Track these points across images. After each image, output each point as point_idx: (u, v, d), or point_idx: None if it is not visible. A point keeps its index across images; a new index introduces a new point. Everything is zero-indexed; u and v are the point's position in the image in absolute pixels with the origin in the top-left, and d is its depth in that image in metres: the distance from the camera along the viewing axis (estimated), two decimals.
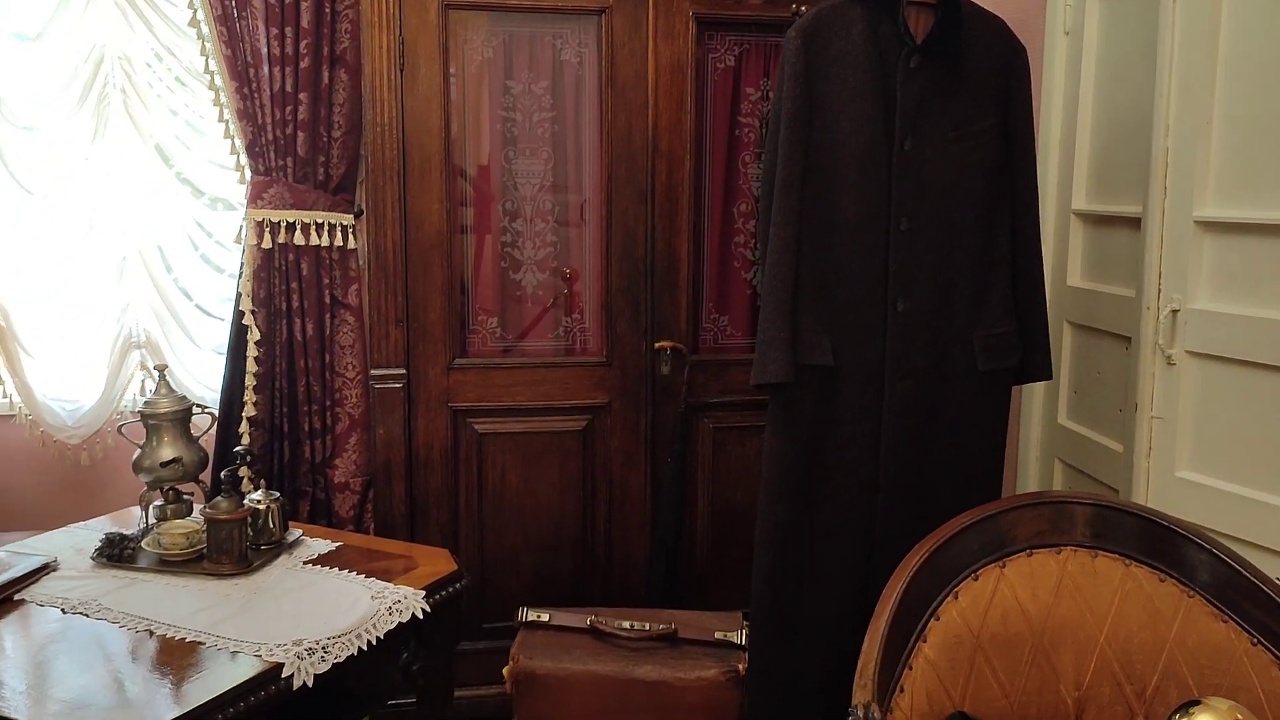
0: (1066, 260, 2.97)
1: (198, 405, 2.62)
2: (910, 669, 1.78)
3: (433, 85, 2.84)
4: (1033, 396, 3.13)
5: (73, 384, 3.27)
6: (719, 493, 3.11)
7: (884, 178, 2.34)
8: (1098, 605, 1.92)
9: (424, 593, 2.27)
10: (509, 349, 3.05)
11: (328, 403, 3.16)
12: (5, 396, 3.21)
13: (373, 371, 2.93)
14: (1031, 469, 3.16)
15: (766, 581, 2.49)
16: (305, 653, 1.96)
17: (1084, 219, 2.94)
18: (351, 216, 3.15)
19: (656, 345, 3.00)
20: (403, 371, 2.92)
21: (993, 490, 2.51)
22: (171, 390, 2.57)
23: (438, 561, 2.45)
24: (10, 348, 3.18)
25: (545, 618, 2.72)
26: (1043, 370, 2.56)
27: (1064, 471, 3.03)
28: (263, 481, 2.60)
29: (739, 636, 2.66)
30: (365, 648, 2.07)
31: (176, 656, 1.96)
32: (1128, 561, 1.93)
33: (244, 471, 2.71)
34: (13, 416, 3.21)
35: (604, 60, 2.91)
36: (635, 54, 2.91)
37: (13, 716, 1.73)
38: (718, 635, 2.67)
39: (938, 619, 1.85)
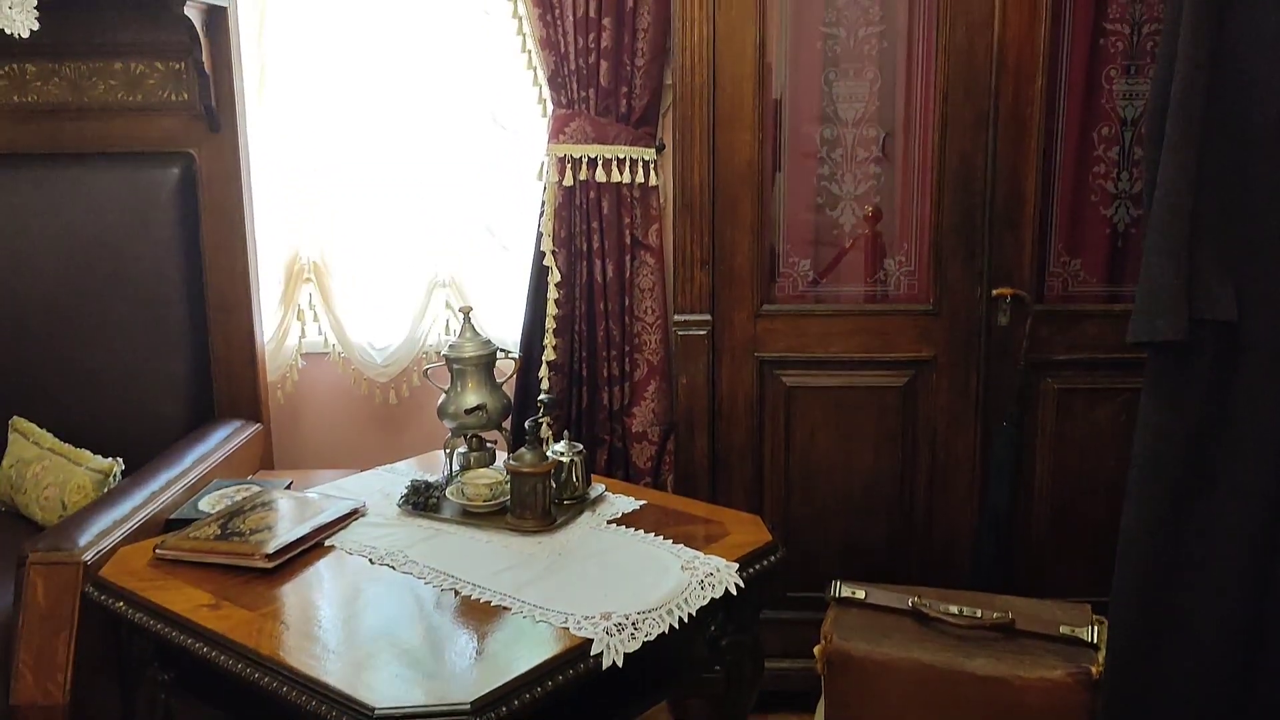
0: None
1: (501, 350, 2.51)
2: None
3: (747, 1, 2.57)
4: None
5: (382, 322, 3.29)
6: (1062, 464, 2.70)
7: None
8: None
9: (736, 565, 2.06)
10: (822, 295, 2.76)
11: (626, 348, 3.01)
12: (321, 335, 3.27)
13: (675, 317, 2.73)
14: None
15: (1133, 578, 2.10)
16: (615, 628, 1.79)
17: None
18: (654, 151, 2.96)
19: (994, 292, 2.62)
20: (707, 318, 2.70)
21: None
22: (476, 334, 2.47)
23: (749, 529, 2.23)
24: (325, 286, 3.23)
25: (861, 594, 2.45)
26: None
27: None
28: (566, 433, 2.46)
29: (1089, 634, 2.29)
30: (676, 625, 1.88)
31: (482, 621, 1.85)
32: None
33: (545, 431, 2.60)
34: (326, 354, 3.27)
35: None
36: None
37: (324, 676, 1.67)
38: (1063, 630, 2.32)
39: None
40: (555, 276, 2.97)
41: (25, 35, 2.60)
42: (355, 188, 3.23)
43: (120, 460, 2.60)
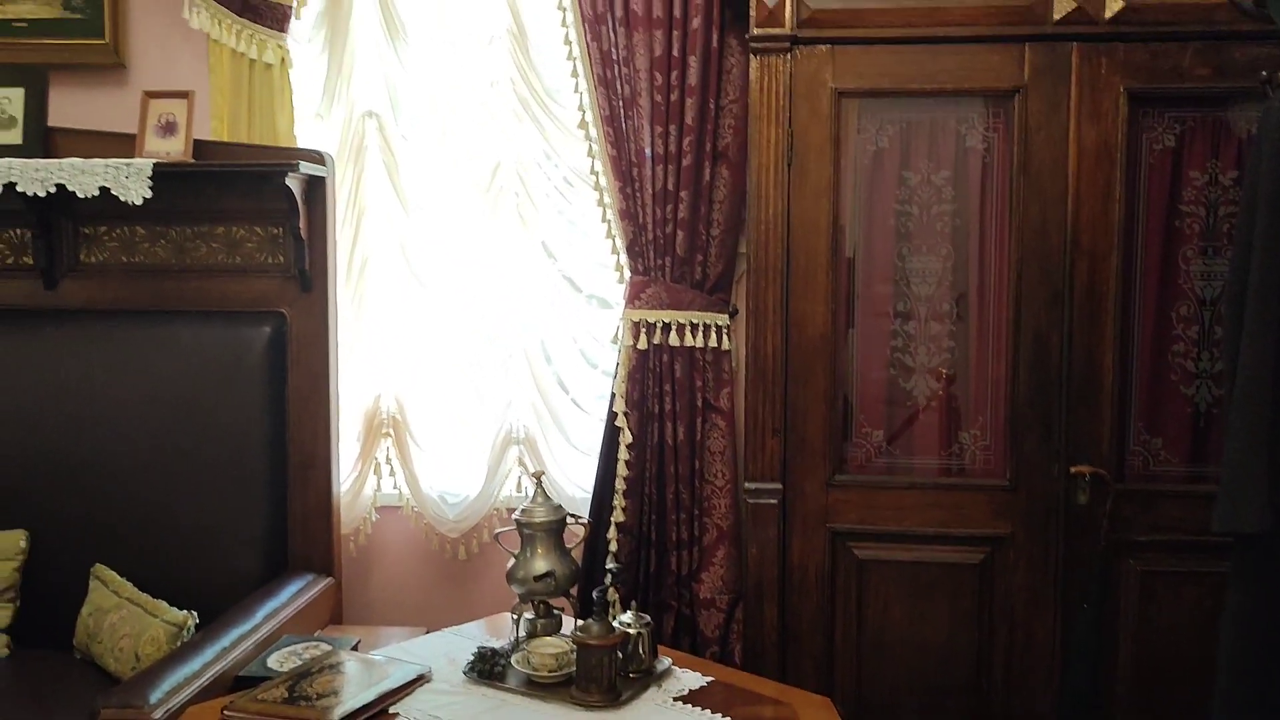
0: None
1: (571, 515, 2.53)
2: None
3: (821, 179, 2.64)
4: None
5: (455, 476, 3.33)
6: (1147, 650, 2.60)
7: None
8: None
9: None
10: (895, 466, 2.74)
11: (696, 511, 3.01)
12: (395, 488, 3.32)
13: (746, 485, 2.72)
14: None
15: None
16: None
17: None
18: (727, 316, 3.01)
19: (1072, 470, 2.58)
20: (778, 486, 2.69)
21: None
22: (548, 498, 2.50)
23: (820, 714, 2.17)
24: (402, 438, 3.30)
25: None
26: None
27: None
28: (633, 603, 2.44)
29: None
30: None
31: None
32: None
33: (612, 594, 2.58)
34: (400, 507, 3.32)
35: (1015, 146, 2.58)
36: (1053, 138, 2.56)
37: None
38: None
39: None
40: (627, 438, 3.00)
41: (139, 203, 2.78)
42: (435, 343, 3.33)
43: (194, 614, 2.64)
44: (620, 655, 2.27)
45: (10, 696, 2.63)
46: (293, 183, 2.86)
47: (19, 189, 2.80)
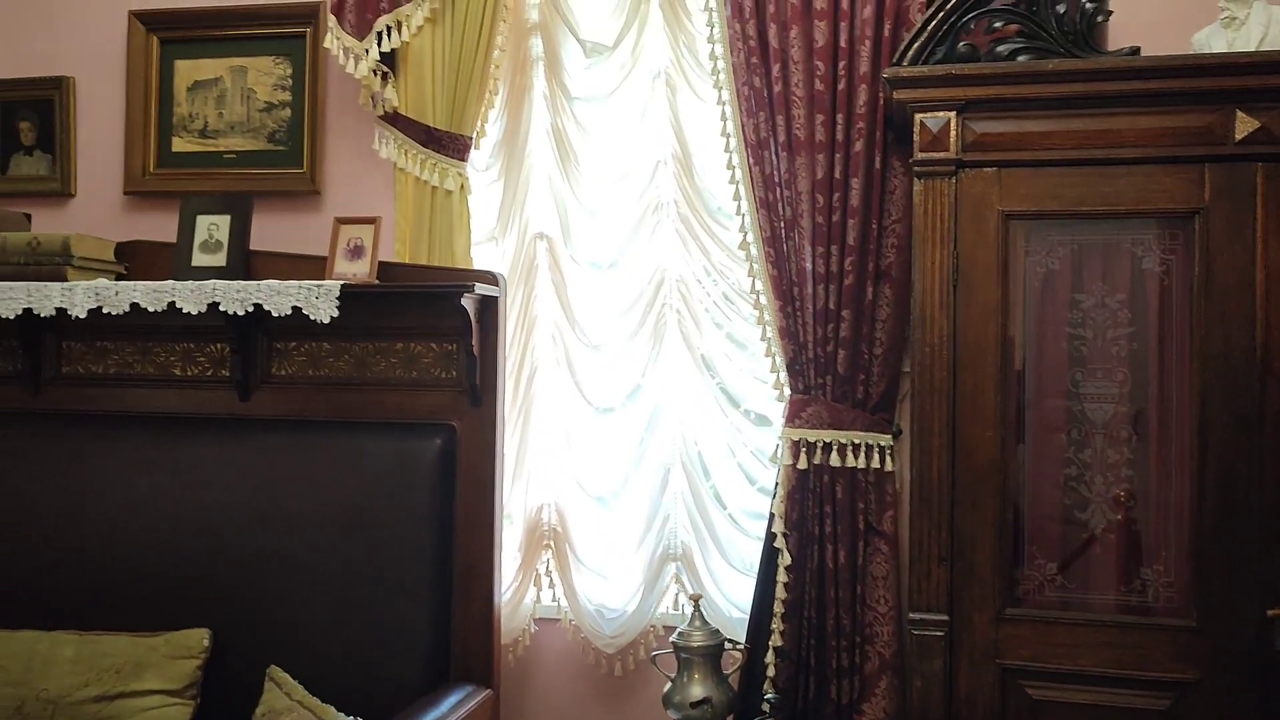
0: None
1: (729, 640, 2.50)
2: None
3: (989, 300, 2.59)
4: None
5: (613, 590, 3.34)
6: None
7: None
8: None
9: None
10: (1069, 600, 2.60)
11: (857, 639, 2.92)
12: (554, 600, 3.35)
13: (911, 615, 2.63)
14: None
15: None
16: None
17: None
18: (890, 437, 2.97)
19: (1269, 613, 2.40)
20: (945, 618, 2.59)
21: None
22: (705, 623, 2.48)
23: None
24: (562, 550, 3.35)
25: None
26: None
27: None
28: None
29: None
30: None
31: None
32: None
33: None
34: (558, 620, 3.34)
35: (1196, 267, 2.48)
36: (1237, 259, 2.46)
37: None
38: None
39: None
40: (786, 560, 2.96)
41: (326, 321, 2.97)
42: (596, 456, 3.38)
43: None
44: None
45: None
46: (468, 302, 3.00)
47: (221, 308, 3.03)
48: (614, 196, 3.36)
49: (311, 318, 2.98)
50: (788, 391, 3.04)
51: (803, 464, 2.96)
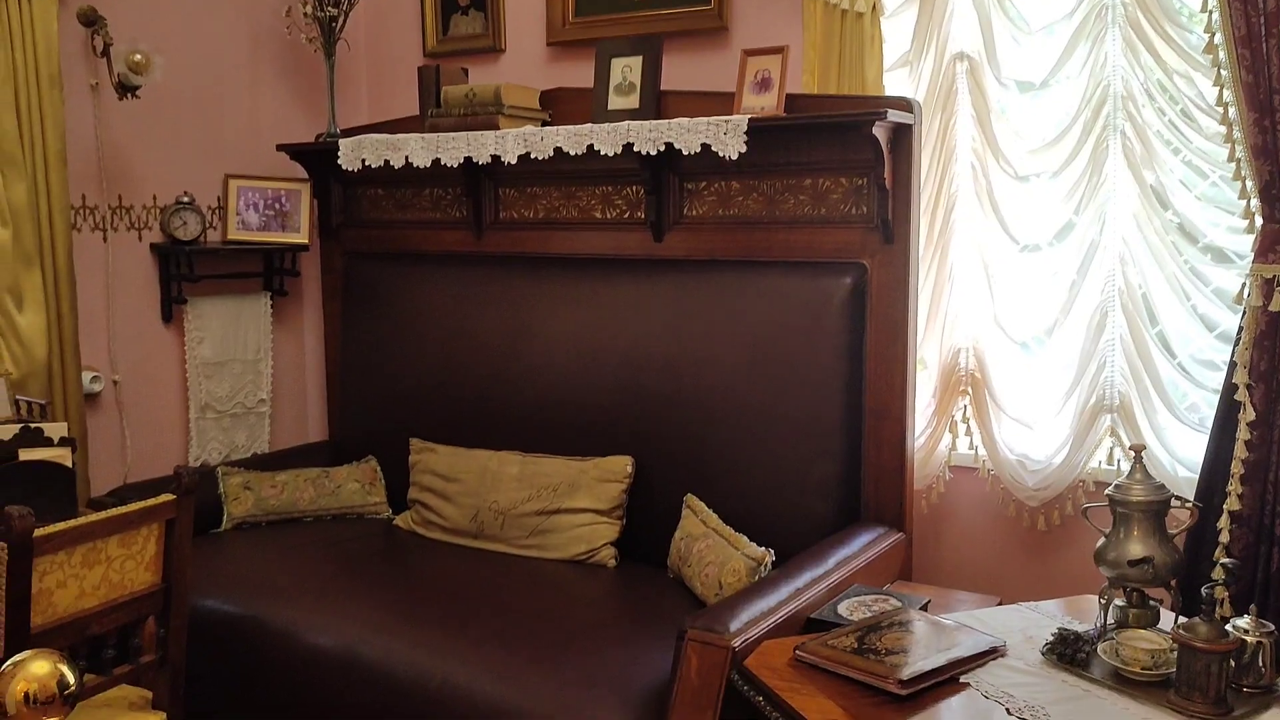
0: None
1: (1176, 498, 2.22)
2: None
3: None
4: None
5: (1037, 441, 3.11)
6: None
7: None
8: None
9: None
10: None
11: None
12: (971, 448, 3.18)
13: None
14: None
15: None
16: None
17: None
18: None
19: None
20: None
21: None
22: (1148, 476, 2.21)
23: None
24: (980, 397, 3.16)
25: None
26: None
27: None
28: (1252, 606, 2.08)
29: None
30: None
31: None
32: None
33: (1220, 592, 2.23)
34: (975, 469, 3.18)
35: None
36: None
37: None
38: None
39: None
40: (1249, 414, 2.58)
41: (734, 158, 2.93)
42: (1021, 299, 3.12)
43: (771, 551, 2.74)
44: (1233, 664, 1.95)
45: (617, 603, 2.97)
46: (879, 131, 2.82)
47: (635, 149, 3.08)
48: (1047, 2, 2.97)
49: (719, 154, 2.96)
50: (1259, 221, 2.59)
51: (1275, 305, 2.53)
